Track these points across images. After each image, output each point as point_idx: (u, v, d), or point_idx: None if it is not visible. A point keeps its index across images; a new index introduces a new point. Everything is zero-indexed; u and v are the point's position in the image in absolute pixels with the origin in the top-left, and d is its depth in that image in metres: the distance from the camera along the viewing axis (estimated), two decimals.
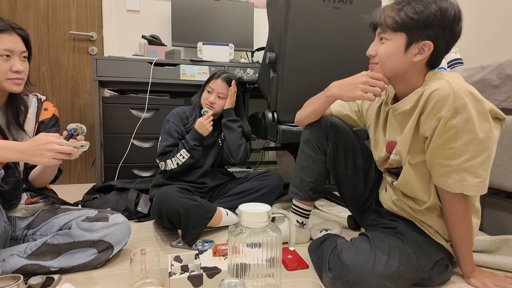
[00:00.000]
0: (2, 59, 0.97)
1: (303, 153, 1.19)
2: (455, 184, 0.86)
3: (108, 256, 1.05)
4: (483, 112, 0.81)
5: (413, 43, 0.88)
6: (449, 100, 0.81)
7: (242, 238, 0.79)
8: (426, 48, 0.87)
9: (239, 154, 1.53)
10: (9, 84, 1.00)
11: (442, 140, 0.84)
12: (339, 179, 1.19)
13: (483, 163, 0.83)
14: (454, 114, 0.81)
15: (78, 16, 2.30)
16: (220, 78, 1.54)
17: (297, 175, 1.21)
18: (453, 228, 0.93)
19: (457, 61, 1.95)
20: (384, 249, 0.90)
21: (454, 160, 0.84)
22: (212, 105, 1.52)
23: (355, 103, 1.20)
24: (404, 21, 0.87)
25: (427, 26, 0.85)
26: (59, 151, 0.91)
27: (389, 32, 0.90)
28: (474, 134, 0.81)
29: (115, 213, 1.11)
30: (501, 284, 0.91)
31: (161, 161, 1.46)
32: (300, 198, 1.21)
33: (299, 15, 1.42)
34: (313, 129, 1.17)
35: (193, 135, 1.44)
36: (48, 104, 1.19)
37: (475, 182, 0.84)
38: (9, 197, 1.04)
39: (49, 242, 1.00)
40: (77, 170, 2.40)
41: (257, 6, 2.51)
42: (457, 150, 0.83)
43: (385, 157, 1.05)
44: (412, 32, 0.87)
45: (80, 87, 2.35)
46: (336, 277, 0.89)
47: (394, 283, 0.87)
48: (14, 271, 0.93)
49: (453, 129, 0.82)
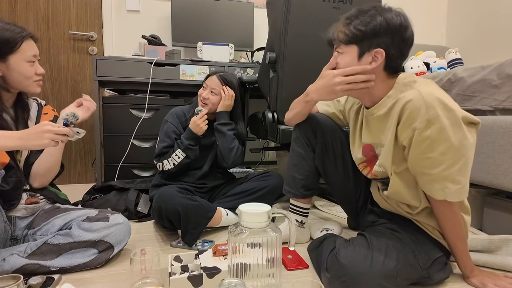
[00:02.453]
0: (29, 64, 1.06)
1: (293, 151, 1.21)
2: (438, 192, 0.88)
3: (109, 256, 1.05)
4: (455, 120, 0.82)
5: (365, 53, 0.92)
6: (421, 112, 0.83)
7: (242, 238, 0.79)
8: (378, 55, 0.91)
9: (230, 158, 1.50)
10: (34, 87, 1.10)
11: (419, 150, 0.86)
12: (329, 177, 1.20)
13: (461, 170, 0.85)
14: (427, 125, 0.82)
15: (78, 16, 2.31)
16: (215, 75, 1.53)
17: (288, 173, 1.22)
18: (445, 230, 0.94)
19: (457, 61, 1.94)
20: (381, 248, 0.90)
21: (434, 169, 0.86)
22: (205, 100, 1.50)
23: (339, 102, 1.21)
24: (353, 34, 0.92)
25: (376, 35, 0.90)
26: (56, 132, 0.93)
27: (342, 45, 0.96)
28: (449, 143, 0.82)
29: (115, 213, 1.11)
30: (500, 283, 0.91)
31: (158, 162, 1.46)
32: (292, 195, 1.23)
33: (299, 15, 1.42)
34: (302, 127, 1.19)
35: (187, 135, 1.43)
36: (48, 108, 1.22)
37: (455, 189, 0.86)
38: (10, 197, 1.04)
39: (50, 242, 1.00)
40: (77, 170, 2.40)
41: (257, 6, 2.52)
42: (435, 159, 0.85)
43: (362, 159, 1.07)
44: (362, 43, 0.92)
45: (80, 87, 2.35)
46: (334, 277, 0.89)
47: (392, 282, 0.87)
48: (14, 271, 0.93)
49: (428, 140, 0.83)
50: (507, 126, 1.18)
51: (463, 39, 2.80)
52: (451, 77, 1.44)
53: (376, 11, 0.91)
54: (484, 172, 1.25)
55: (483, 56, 2.61)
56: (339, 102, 1.21)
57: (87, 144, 2.39)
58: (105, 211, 1.13)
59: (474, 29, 2.69)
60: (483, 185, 1.29)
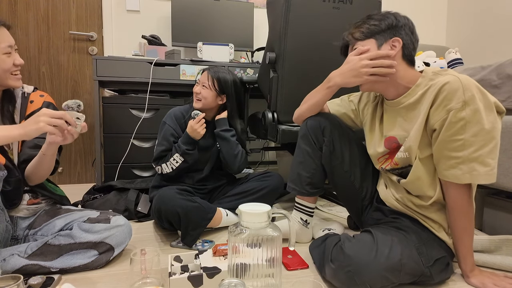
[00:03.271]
0: (6, 56, 0.98)
1: (299, 148, 1.21)
2: (464, 175, 0.89)
3: (109, 258, 1.05)
4: (488, 104, 0.86)
5: (384, 43, 0.99)
6: (458, 93, 0.86)
7: (242, 238, 0.79)
8: (396, 43, 0.97)
9: (236, 164, 1.48)
10: (13, 80, 1.02)
11: (451, 132, 0.88)
12: (335, 176, 1.19)
13: (491, 152, 0.87)
14: (463, 106, 0.85)
15: (78, 16, 2.31)
16: (207, 70, 1.50)
17: (294, 170, 1.22)
18: (455, 222, 0.95)
19: (457, 61, 1.94)
20: (386, 242, 0.91)
21: (463, 151, 0.88)
22: (197, 96, 1.46)
23: (352, 102, 1.22)
24: (369, 29, 1.00)
25: (390, 28, 0.98)
26: (51, 115, 0.90)
27: (359, 42, 1.02)
28: (481, 125, 0.85)
29: (117, 215, 1.11)
30: (500, 284, 0.92)
31: (157, 166, 1.44)
32: (298, 193, 1.22)
33: (299, 15, 1.42)
34: (310, 124, 1.18)
35: (184, 139, 1.40)
36: (35, 95, 1.14)
37: (485, 171, 0.87)
38: (12, 197, 1.04)
39: (50, 242, 1.00)
40: (77, 170, 2.40)
41: (257, 6, 2.51)
42: (466, 141, 0.87)
43: (384, 152, 1.07)
44: (380, 35, 0.99)
45: (80, 87, 2.35)
46: (338, 267, 0.89)
47: (396, 276, 0.87)
48: (14, 271, 0.93)
49: (462, 121, 0.86)
50: (507, 126, 1.18)
51: (463, 39, 2.80)
52: None
53: (386, 13, 1.01)
54: None
55: (483, 56, 2.61)
56: (352, 102, 1.22)
57: (87, 144, 2.39)
58: (106, 212, 1.13)
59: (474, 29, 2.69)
60: (483, 185, 1.29)
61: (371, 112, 1.14)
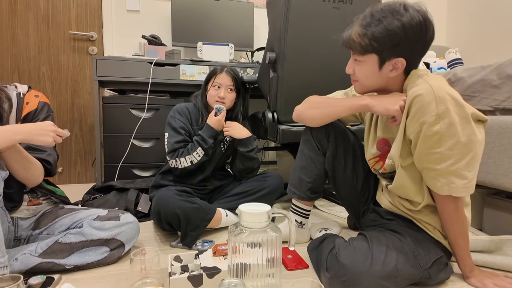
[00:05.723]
0: None
1: (302, 153, 1.20)
2: (443, 187, 0.88)
3: (120, 254, 1.08)
4: (465, 116, 0.83)
5: (386, 62, 0.92)
6: (431, 106, 0.82)
7: (242, 238, 0.79)
8: (399, 64, 0.91)
9: (251, 175, 1.54)
10: None
11: (427, 145, 0.86)
12: (338, 181, 1.19)
13: (468, 165, 0.85)
14: (437, 120, 0.82)
15: (78, 16, 2.31)
16: (224, 71, 1.49)
17: (296, 174, 1.21)
18: (447, 227, 0.94)
19: (457, 61, 1.95)
20: (381, 248, 0.90)
21: (441, 164, 0.86)
22: (222, 100, 1.47)
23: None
24: (371, 44, 0.90)
25: (395, 46, 0.88)
26: (59, 134, 0.98)
27: (360, 54, 0.95)
28: (457, 138, 0.83)
29: (126, 213, 1.14)
30: (500, 284, 0.91)
31: (172, 159, 1.40)
32: (298, 197, 1.22)
33: (299, 15, 1.42)
34: (314, 130, 1.17)
35: (209, 133, 1.41)
36: (30, 96, 1.13)
37: (462, 184, 0.86)
38: (13, 198, 1.05)
39: (61, 241, 1.01)
40: (77, 170, 2.40)
41: (257, 6, 2.51)
42: (443, 154, 0.85)
43: (375, 153, 1.07)
44: (382, 53, 0.91)
45: (80, 87, 2.35)
46: (334, 277, 0.89)
47: (393, 282, 0.86)
48: (28, 270, 0.95)
49: (437, 135, 0.84)
50: (507, 126, 1.18)
51: (463, 39, 2.80)
52: (451, 77, 1.44)
53: (392, 15, 0.87)
54: (484, 172, 1.25)
55: (483, 56, 2.61)
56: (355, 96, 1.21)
57: (87, 144, 2.39)
58: (114, 210, 1.15)
59: (474, 29, 2.69)
60: (483, 185, 1.29)
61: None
